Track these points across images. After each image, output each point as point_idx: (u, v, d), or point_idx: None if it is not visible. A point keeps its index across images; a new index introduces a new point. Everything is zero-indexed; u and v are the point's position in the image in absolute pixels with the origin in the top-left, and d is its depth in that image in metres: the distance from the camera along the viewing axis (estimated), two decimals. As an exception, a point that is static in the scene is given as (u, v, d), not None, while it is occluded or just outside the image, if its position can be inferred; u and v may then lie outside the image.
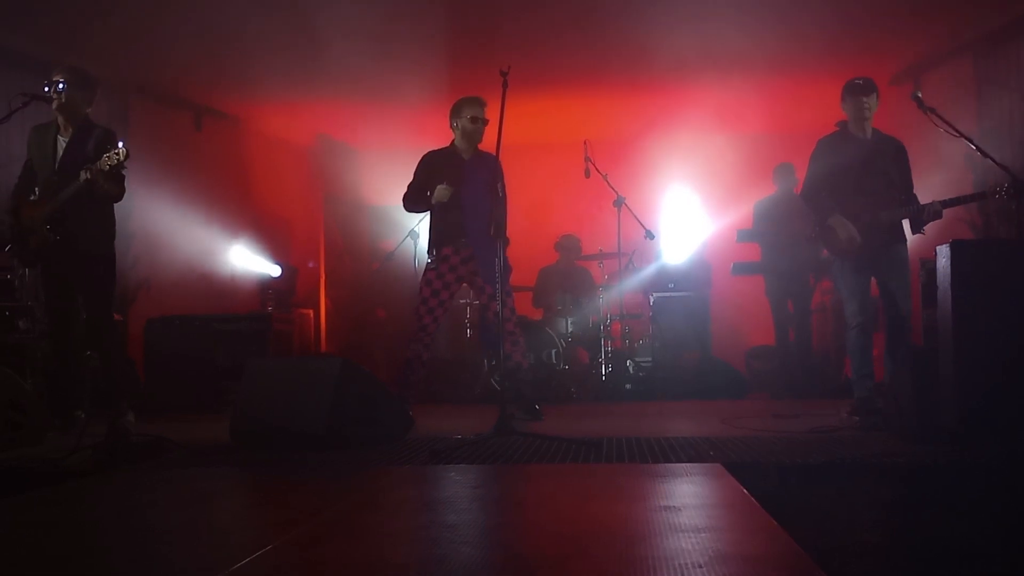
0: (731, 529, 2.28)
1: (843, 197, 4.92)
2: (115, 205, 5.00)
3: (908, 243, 4.96)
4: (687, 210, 9.38)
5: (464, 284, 5.38)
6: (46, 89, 4.77)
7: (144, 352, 6.84)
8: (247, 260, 8.76)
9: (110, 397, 5.05)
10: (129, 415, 4.93)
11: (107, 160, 4.54)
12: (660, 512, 2.43)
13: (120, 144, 4.59)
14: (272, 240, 9.02)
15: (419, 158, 5.30)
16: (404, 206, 5.27)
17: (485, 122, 5.17)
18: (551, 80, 7.81)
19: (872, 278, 4.97)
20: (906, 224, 4.94)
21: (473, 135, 5.17)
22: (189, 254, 8.05)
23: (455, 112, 5.23)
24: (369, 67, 7.27)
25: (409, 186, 5.23)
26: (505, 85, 4.28)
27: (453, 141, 5.28)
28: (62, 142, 4.83)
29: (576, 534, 2.25)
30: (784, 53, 7.37)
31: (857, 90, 4.96)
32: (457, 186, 5.09)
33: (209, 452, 4.00)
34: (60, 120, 4.85)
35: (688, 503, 2.59)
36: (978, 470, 3.15)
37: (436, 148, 5.28)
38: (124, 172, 4.78)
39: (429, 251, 5.22)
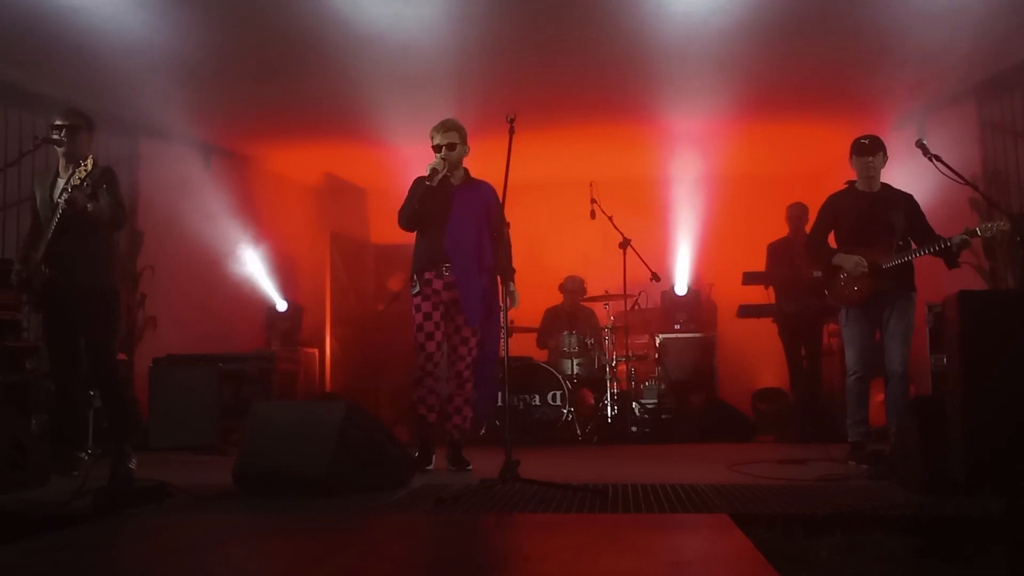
0: (738, 587, 2.26)
1: (846, 247, 5.06)
2: (121, 243, 4.98)
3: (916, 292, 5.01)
4: (692, 251, 9.41)
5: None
6: (56, 132, 4.79)
7: (149, 391, 6.83)
8: (254, 290, 8.80)
9: (113, 438, 5.03)
10: (132, 459, 4.89)
11: (77, 175, 4.56)
12: (666, 568, 2.40)
13: (89, 158, 4.61)
14: (278, 278, 9.05)
15: None
16: (399, 223, 5.03)
17: (447, 147, 4.92)
18: (557, 121, 7.86)
19: (876, 325, 5.01)
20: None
21: (445, 161, 4.91)
22: (196, 292, 8.07)
23: None
24: (376, 108, 7.32)
25: (402, 204, 5.03)
26: (511, 131, 4.32)
27: None
28: (61, 184, 4.83)
29: (581, 591, 2.22)
30: (789, 98, 7.43)
31: (862, 150, 5.02)
32: (443, 211, 4.92)
33: (212, 497, 3.97)
34: (62, 163, 4.88)
35: (694, 558, 2.56)
36: (986, 523, 3.11)
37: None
38: (107, 196, 4.72)
39: (411, 278, 5.03)
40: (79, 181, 4.56)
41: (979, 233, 4.74)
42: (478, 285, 4.93)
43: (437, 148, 4.95)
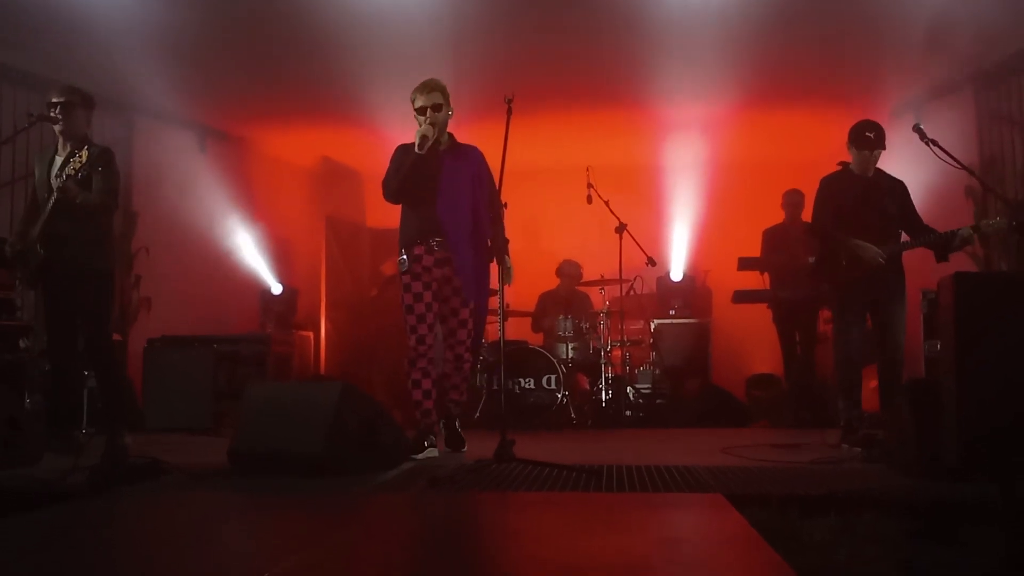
0: (734, 565, 2.26)
1: (842, 231, 5.01)
2: (116, 224, 4.97)
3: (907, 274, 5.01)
4: (688, 236, 9.42)
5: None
6: (51, 110, 4.76)
7: (143, 372, 6.82)
8: (249, 272, 8.79)
9: (107, 417, 5.03)
10: (126, 437, 4.89)
11: (72, 166, 4.54)
12: (660, 545, 2.41)
13: (85, 148, 4.58)
14: (273, 260, 9.03)
15: None
16: (384, 194, 4.73)
17: (432, 109, 4.61)
18: (554, 107, 7.83)
19: (868, 311, 5.03)
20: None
21: (433, 125, 4.61)
22: (191, 274, 8.05)
23: None
24: (372, 91, 7.28)
25: (386, 174, 4.76)
26: (509, 112, 4.28)
27: None
28: (58, 162, 4.81)
29: (574, 566, 2.23)
30: (786, 84, 7.42)
31: (866, 144, 4.98)
32: (433, 180, 4.65)
33: (206, 476, 3.97)
34: (60, 141, 4.85)
35: (688, 536, 2.57)
36: (980, 508, 3.12)
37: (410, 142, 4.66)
38: (100, 180, 4.71)
39: (399, 253, 4.74)
40: (74, 172, 4.53)
41: (981, 229, 4.76)
42: (471, 258, 4.70)
43: (421, 110, 4.63)
